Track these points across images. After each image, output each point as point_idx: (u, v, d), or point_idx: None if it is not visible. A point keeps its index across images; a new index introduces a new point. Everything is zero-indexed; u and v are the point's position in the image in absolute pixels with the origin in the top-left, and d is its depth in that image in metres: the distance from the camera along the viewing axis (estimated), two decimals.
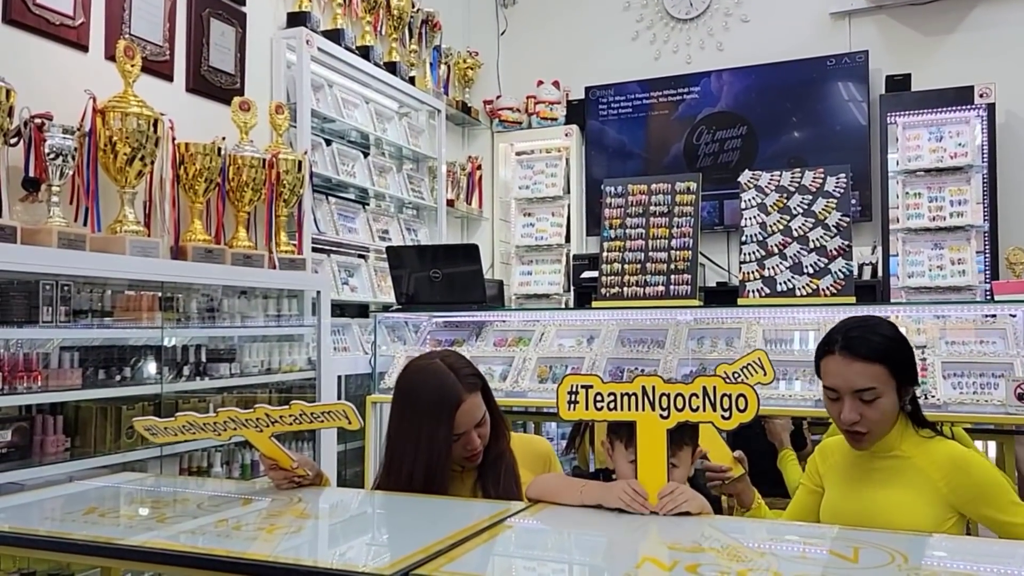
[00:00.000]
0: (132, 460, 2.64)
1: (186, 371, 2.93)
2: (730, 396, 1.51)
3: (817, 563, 1.25)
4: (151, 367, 2.81)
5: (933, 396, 2.55)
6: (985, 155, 4.27)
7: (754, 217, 2.85)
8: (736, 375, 2.20)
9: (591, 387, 1.58)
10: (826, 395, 1.77)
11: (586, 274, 4.44)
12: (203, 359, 3.02)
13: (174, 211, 3.08)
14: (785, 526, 1.81)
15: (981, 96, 4.30)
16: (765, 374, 2.20)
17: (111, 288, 2.72)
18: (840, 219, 2.77)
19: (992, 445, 3.33)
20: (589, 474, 1.80)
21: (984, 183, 4.26)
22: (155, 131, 2.82)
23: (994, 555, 1.42)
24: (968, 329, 2.80)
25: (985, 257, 4.23)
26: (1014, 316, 2.76)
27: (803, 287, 2.74)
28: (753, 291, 2.80)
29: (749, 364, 2.22)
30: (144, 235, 2.82)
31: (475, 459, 1.80)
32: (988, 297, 4.04)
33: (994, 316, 2.84)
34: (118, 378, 2.70)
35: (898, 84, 4.55)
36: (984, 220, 4.24)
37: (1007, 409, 2.46)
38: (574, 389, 1.59)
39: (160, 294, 2.82)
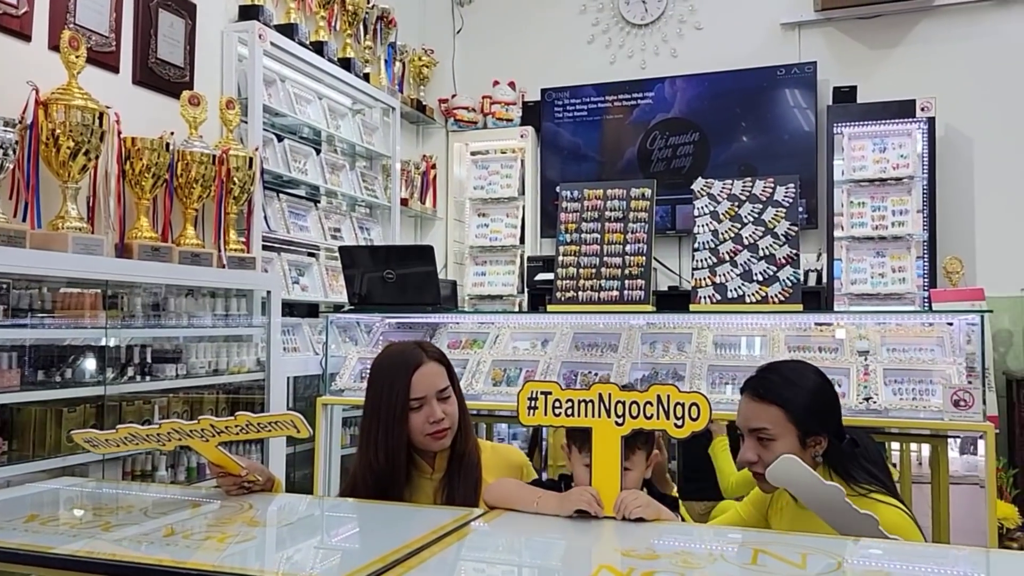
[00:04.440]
0: (73, 464, 2.57)
1: (130, 372, 2.86)
2: (683, 404, 1.55)
3: (768, 569, 1.27)
4: (94, 368, 2.73)
5: (875, 401, 2.63)
6: (925, 167, 4.41)
7: (706, 224, 2.90)
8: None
9: (550, 393, 1.63)
10: (739, 434, 1.80)
11: (540, 276, 4.46)
12: (148, 359, 2.94)
13: (119, 207, 2.99)
14: (734, 532, 1.85)
15: (922, 110, 4.44)
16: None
17: (51, 285, 2.63)
18: (789, 228, 2.83)
19: (926, 448, 3.46)
20: (548, 483, 1.82)
21: (924, 194, 4.41)
22: (100, 124, 2.74)
23: (933, 556, 1.48)
24: (908, 336, 2.90)
25: (924, 265, 4.38)
26: (951, 325, 2.86)
27: (753, 294, 2.80)
28: (705, 297, 2.84)
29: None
30: (87, 232, 2.74)
31: (440, 436, 1.80)
32: (926, 304, 4.18)
33: (932, 324, 2.94)
34: (58, 379, 2.62)
35: (845, 95, 4.67)
36: (924, 230, 4.38)
37: (942, 415, 2.55)
38: (534, 395, 1.64)
39: (104, 292, 2.75)
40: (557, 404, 1.62)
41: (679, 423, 1.55)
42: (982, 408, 2.51)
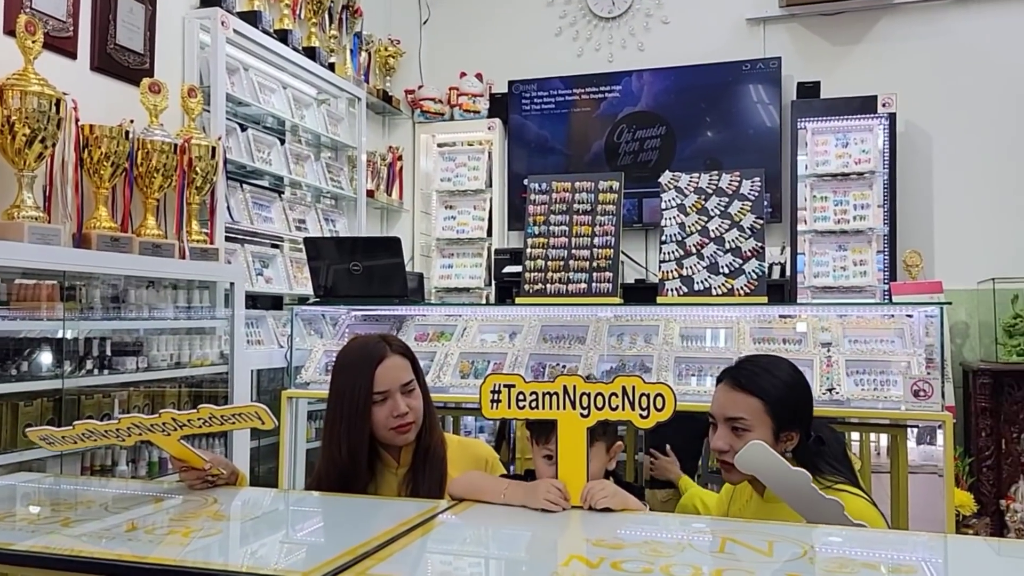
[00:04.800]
0: (30, 459, 2.50)
1: (89, 365, 2.79)
2: (648, 395, 1.55)
3: (735, 557, 1.28)
4: (51, 361, 2.67)
5: (837, 392, 2.67)
6: (886, 162, 4.49)
7: (674, 218, 2.92)
8: None
9: (513, 386, 1.61)
10: (710, 423, 1.81)
11: (508, 268, 4.45)
12: (107, 352, 2.88)
13: (77, 197, 2.92)
14: (700, 521, 1.87)
15: (884, 105, 4.51)
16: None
17: (6, 276, 2.56)
18: (754, 222, 2.86)
19: (884, 437, 3.54)
20: (515, 477, 1.81)
21: (885, 188, 4.48)
22: (57, 111, 2.67)
23: (894, 543, 1.51)
24: (869, 328, 2.95)
25: (884, 258, 4.46)
26: (911, 317, 2.91)
27: (719, 287, 2.83)
28: (672, 290, 2.86)
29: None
30: (44, 221, 2.67)
31: (405, 431, 1.80)
32: (887, 297, 4.26)
33: (893, 316, 2.99)
34: (14, 372, 2.55)
35: (808, 91, 4.73)
36: (884, 224, 4.46)
37: (902, 405, 2.60)
38: (497, 388, 1.62)
39: (61, 283, 2.68)
40: (521, 397, 1.60)
41: (644, 414, 1.54)
42: (941, 399, 2.56)
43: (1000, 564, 1.35)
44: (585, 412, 1.57)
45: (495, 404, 1.62)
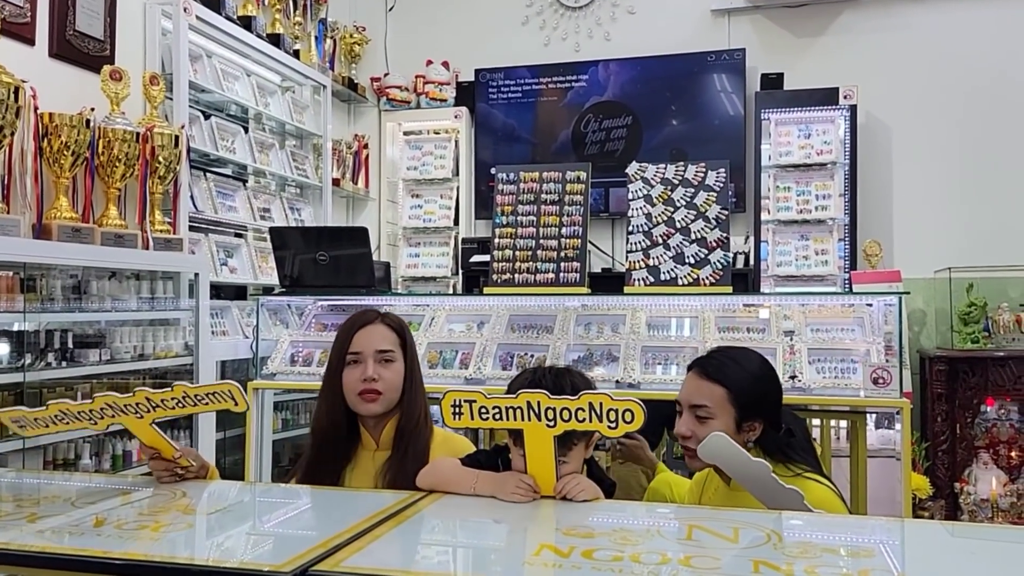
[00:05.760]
0: None
1: (50, 357, 2.75)
2: (616, 411, 1.49)
3: (702, 543, 1.31)
4: (11, 353, 2.62)
5: (799, 379, 2.73)
6: (847, 153, 4.57)
7: (640, 208, 2.95)
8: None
9: (474, 402, 1.54)
10: (677, 410, 1.84)
11: (475, 258, 4.45)
12: (69, 344, 2.83)
13: (36, 186, 2.86)
14: (666, 508, 1.91)
15: (845, 97, 4.59)
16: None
17: None
18: (719, 212, 2.90)
19: (844, 423, 3.62)
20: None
21: (845, 179, 4.57)
22: (15, 99, 2.61)
23: (853, 527, 1.55)
24: (830, 317, 3.01)
25: (845, 247, 4.55)
26: (871, 305, 2.98)
27: (685, 276, 2.87)
28: (639, 280, 2.90)
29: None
30: (3, 212, 2.61)
31: (370, 399, 1.82)
32: (847, 286, 4.35)
33: (853, 305, 3.06)
34: None
35: (772, 82, 4.79)
36: (845, 214, 4.55)
37: (862, 392, 2.67)
38: (457, 403, 1.55)
39: (21, 274, 2.62)
40: (484, 411, 1.54)
41: (612, 425, 1.49)
42: (899, 386, 2.63)
43: (954, 545, 1.40)
44: (551, 423, 1.51)
45: (457, 416, 1.55)
